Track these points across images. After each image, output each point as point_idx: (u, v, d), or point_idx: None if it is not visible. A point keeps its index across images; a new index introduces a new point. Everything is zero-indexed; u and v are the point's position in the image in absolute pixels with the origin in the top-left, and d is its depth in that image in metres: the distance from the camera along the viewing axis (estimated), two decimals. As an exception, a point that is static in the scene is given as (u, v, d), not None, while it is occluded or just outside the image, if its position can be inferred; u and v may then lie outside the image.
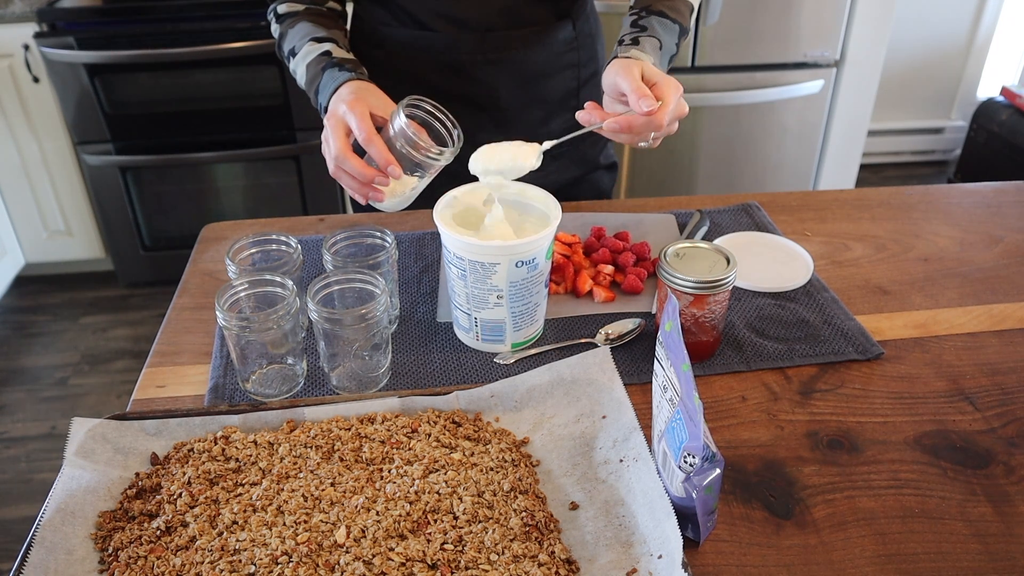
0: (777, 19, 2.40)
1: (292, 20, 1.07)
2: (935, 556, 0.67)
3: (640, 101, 0.83)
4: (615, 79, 0.88)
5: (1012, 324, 0.95)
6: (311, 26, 1.04)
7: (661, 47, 0.97)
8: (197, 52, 2.37)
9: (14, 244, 2.73)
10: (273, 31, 1.10)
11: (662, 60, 0.98)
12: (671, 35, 1.00)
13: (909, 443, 0.78)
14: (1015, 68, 3.34)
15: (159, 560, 0.64)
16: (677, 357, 0.64)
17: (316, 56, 1.01)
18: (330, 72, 0.98)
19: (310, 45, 1.02)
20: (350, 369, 0.84)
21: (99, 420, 0.74)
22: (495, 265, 0.83)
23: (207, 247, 1.12)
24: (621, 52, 0.94)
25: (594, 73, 1.21)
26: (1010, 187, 1.26)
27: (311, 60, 1.01)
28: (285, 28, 1.07)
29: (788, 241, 1.08)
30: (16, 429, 2.24)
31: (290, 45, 1.05)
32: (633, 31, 0.98)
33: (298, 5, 1.08)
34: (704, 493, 0.64)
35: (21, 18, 2.37)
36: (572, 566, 0.64)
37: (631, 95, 0.85)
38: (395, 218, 1.18)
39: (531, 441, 0.77)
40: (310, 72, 1.01)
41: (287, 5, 1.09)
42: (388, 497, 0.68)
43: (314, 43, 1.02)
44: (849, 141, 2.68)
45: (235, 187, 2.70)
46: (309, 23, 1.05)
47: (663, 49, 0.98)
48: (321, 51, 1.01)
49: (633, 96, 0.84)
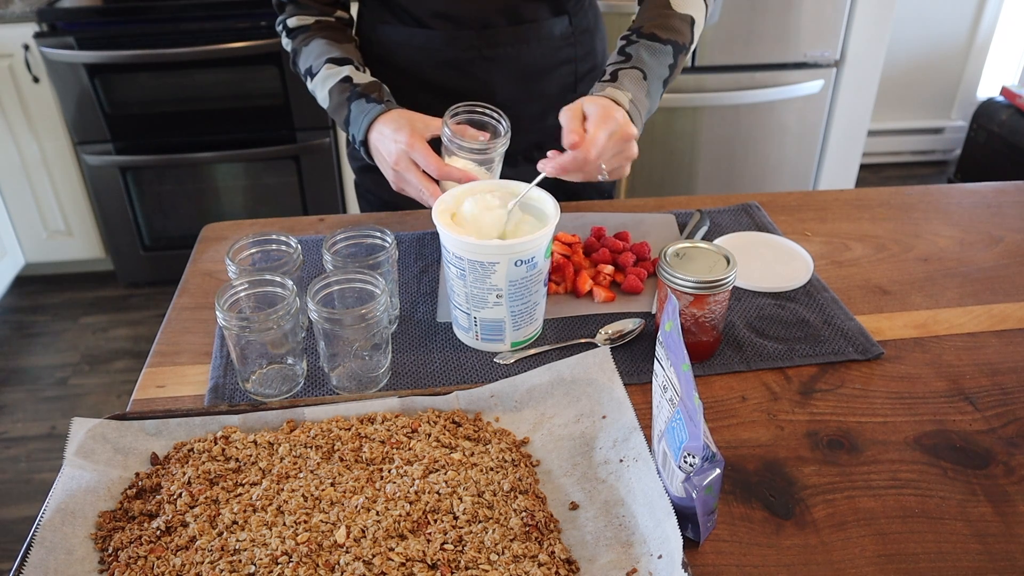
0: (777, 19, 2.40)
1: (305, 37, 1.08)
2: (935, 556, 0.67)
3: (565, 137, 0.89)
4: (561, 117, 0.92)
5: (1012, 324, 0.95)
6: (325, 44, 1.07)
7: (645, 76, 0.98)
8: (197, 52, 2.37)
9: (14, 244, 2.73)
10: (285, 44, 1.13)
11: (650, 87, 0.98)
12: (662, 58, 1.00)
13: (909, 443, 0.78)
14: (1015, 68, 3.34)
15: (159, 560, 0.64)
16: (677, 357, 0.64)
17: (337, 83, 1.04)
18: (357, 104, 1.01)
19: (328, 68, 1.05)
20: (350, 369, 0.84)
21: (99, 420, 0.74)
22: (494, 264, 0.83)
23: (207, 247, 1.12)
24: (596, 91, 0.96)
25: (592, 68, 1.21)
26: (1010, 187, 1.26)
27: (333, 87, 1.04)
28: (299, 44, 1.09)
29: (788, 241, 1.08)
30: (16, 429, 2.24)
31: (306, 64, 1.08)
32: (617, 61, 0.99)
33: (308, 18, 1.09)
34: (704, 493, 0.64)
35: (21, 18, 2.37)
36: (572, 566, 0.64)
37: (564, 135, 0.89)
38: (395, 218, 1.18)
39: (531, 441, 0.77)
40: (333, 99, 1.04)
41: (297, 18, 1.10)
42: (388, 497, 0.68)
43: (332, 65, 1.05)
44: (849, 141, 2.68)
45: (235, 187, 2.70)
46: (323, 40, 1.07)
47: (649, 77, 0.98)
48: (341, 76, 1.04)
49: (564, 135, 0.89)
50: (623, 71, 0.97)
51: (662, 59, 1.00)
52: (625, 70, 0.97)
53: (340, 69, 1.04)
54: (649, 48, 0.99)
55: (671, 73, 1.02)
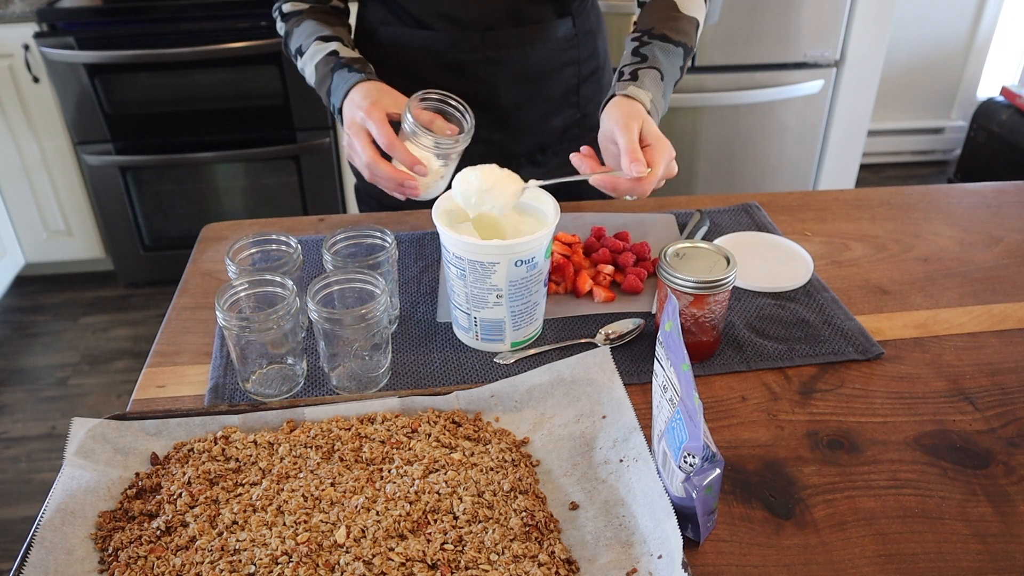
0: (777, 19, 2.40)
1: (297, 19, 1.08)
2: (935, 556, 0.67)
3: (631, 166, 0.84)
4: (612, 128, 0.88)
5: (1012, 324, 0.95)
6: (316, 24, 1.06)
7: (663, 77, 0.97)
8: (197, 52, 2.37)
9: (14, 244, 2.73)
10: (279, 29, 1.12)
11: (665, 89, 0.97)
12: (674, 59, 0.99)
13: (909, 443, 0.78)
14: (1015, 68, 3.34)
15: (159, 560, 0.64)
16: (677, 357, 0.64)
17: (324, 56, 1.03)
18: (339, 73, 1.00)
19: (317, 44, 1.04)
20: (350, 369, 0.84)
21: (99, 420, 0.74)
22: (494, 265, 0.83)
23: (207, 247, 1.12)
24: (619, 89, 0.94)
25: (595, 70, 1.21)
26: (1010, 187, 1.26)
27: (319, 60, 1.03)
28: (291, 27, 1.09)
29: (788, 241, 1.08)
30: (16, 429, 2.24)
31: (297, 44, 1.07)
32: (634, 61, 0.98)
33: (302, 4, 1.09)
34: (704, 493, 0.64)
35: (21, 18, 2.37)
36: (572, 566, 0.64)
37: (623, 156, 0.85)
38: (395, 218, 1.18)
39: (531, 441, 0.77)
40: (319, 72, 1.03)
41: (291, 4, 1.10)
42: (388, 497, 0.68)
43: (320, 42, 1.04)
44: (849, 141, 2.68)
45: (235, 187, 2.70)
46: (314, 21, 1.07)
47: (665, 78, 0.97)
48: (328, 51, 1.03)
49: (625, 158, 0.85)
50: (642, 71, 0.96)
51: (674, 60, 0.99)
52: (644, 70, 0.96)
53: (328, 45, 1.04)
54: (663, 49, 0.99)
55: (680, 75, 1.02)
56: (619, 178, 0.86)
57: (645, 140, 0.88)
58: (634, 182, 0.85)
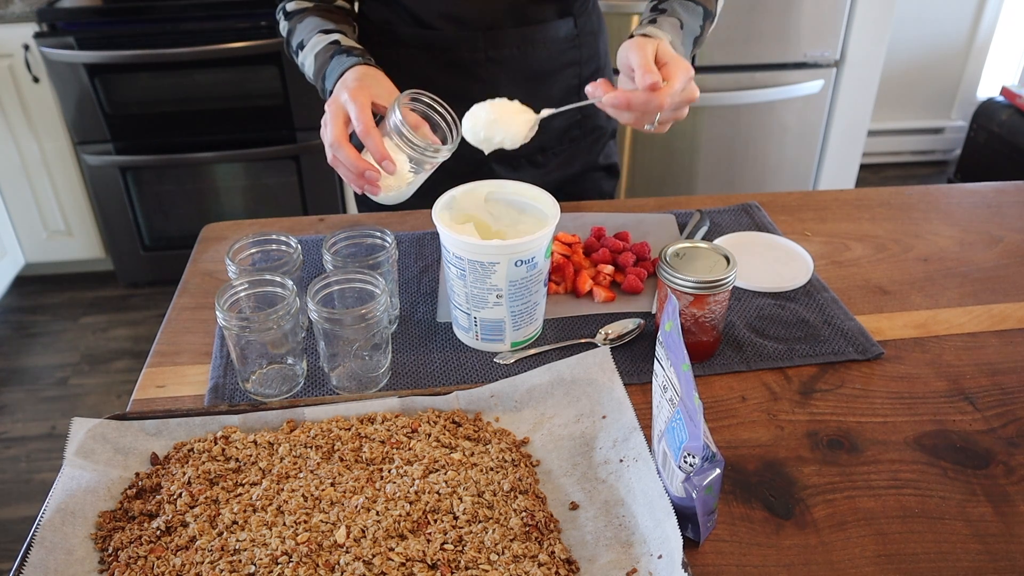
0: (777, 19, 2.40)
1: (300, 16, 1.07)
2: (935, 556, 0.67)
3: (644, 76, 0.81)
4: (627, 55, 0.86)
5: (1012, 324, 0.95)
6: (319, 19, 1.05)
7: (682, 26, 0.96)
8: (197, 52, 2.37)
9: (14, 244, 2.73)
10: (281, 29, 1.11)
11: (685, 40, 0.96)
12: (694, 16, 0.99)
13: (909, 443, 0.78)
14: (1015, 68, 3.34)
15: (159, 560, 0.64)
16: (677, 357, 0.64)
17: (324, 45, 1.00)
18: (338, 58, 0.98)
19: (318, 36, 1.02)
20: (350, 369, 0.84)
21: (99, 420, 0.74)
22: (494, 264, 0.83)
23: (207, 247, 1.12)
24: (638, 31, 0.93)
25: (596, 71, 1.21)
26: (1010, 187, 1.26)
27: (319, 50, 1.01)
28: (294, 24, 1.07)
29: (788, 241, 1.08)
30: (16, 429, 2.24)
31: (299, 39, 1.05)
32: (652, 13, 0.97)
33: (306, 2, 1.08)
34: (704, 493, 0.64)
35: (21, 18, 2.37)
36: (572, 566, 0.64)
37: (637, 70, 0.82)
38: (395, 218, 1.18)
39: (531, 441, 0.77)
40: (318, 61, 1.00)
41: (295, 3, 1.09)
42: (388, 497, 0.68)
43: (322, 35, 1.02)
44: (849, 141, 2.68)
45: (235, 187, 2.70)
46: (317, 17, 1.05)
47: (684, 28, 0.96)
48: (329, 40, 1.01)
49: (639, 71, 0.82)
50: (661, 18, 0.94)
51: (695, 16, 0.99)
52: (663, 17, 0.95)
53: (329, 36, 1.01)
54: (683, 5, 0.98)
55: (701, 33, 1.00)
56: (633, 92, 0.82)
57: (661, 59, 0.85)
58: (648, 95, 0.82)
